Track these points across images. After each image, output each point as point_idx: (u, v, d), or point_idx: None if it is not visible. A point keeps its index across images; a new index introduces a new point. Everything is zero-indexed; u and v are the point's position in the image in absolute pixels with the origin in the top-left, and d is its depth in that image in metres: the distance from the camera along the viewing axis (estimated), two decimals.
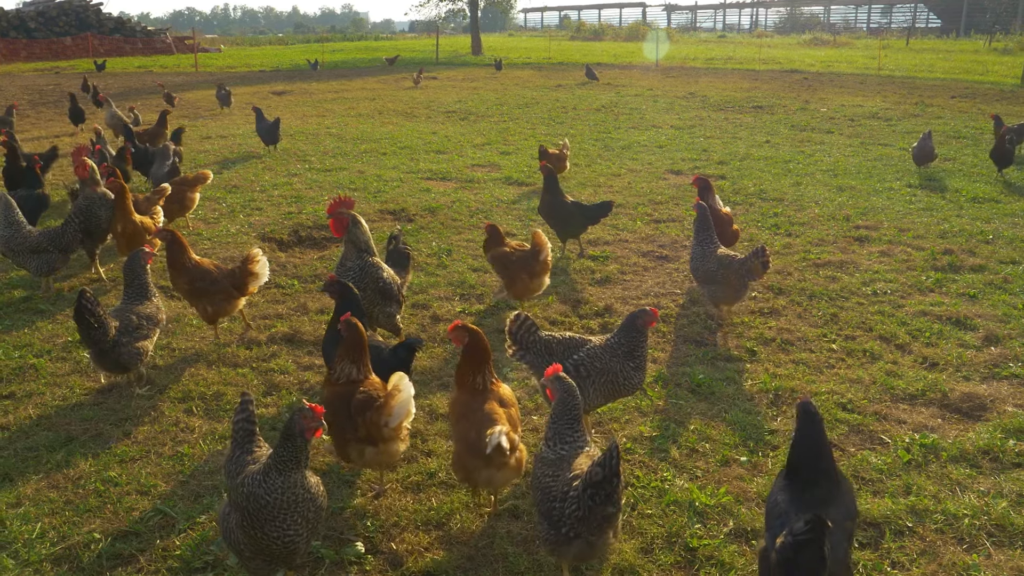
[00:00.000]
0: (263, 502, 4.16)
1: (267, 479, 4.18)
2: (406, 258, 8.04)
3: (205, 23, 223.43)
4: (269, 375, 7.35)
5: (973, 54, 47.49)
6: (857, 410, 6.60)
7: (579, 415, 4.64)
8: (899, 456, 5.90)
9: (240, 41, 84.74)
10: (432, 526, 5.21)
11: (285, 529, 4.19)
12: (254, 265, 7.94)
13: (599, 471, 4.07)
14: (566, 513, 4.20)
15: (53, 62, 49.91)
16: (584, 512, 4.14)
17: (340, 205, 7.45)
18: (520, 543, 5.03)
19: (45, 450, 6.12)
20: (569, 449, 4.52)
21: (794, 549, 3.56)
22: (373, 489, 5.58)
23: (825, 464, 4.12)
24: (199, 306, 7.81)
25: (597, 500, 4.11)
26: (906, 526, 5.12)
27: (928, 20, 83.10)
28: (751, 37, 76.04)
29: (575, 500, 4.17)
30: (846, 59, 44.78)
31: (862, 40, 65.66)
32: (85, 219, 9.48)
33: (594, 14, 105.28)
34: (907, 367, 7.39)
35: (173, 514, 5.33)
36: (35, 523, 5.24)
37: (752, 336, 8.12)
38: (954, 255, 10.34)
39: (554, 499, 4.29)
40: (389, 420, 5.05)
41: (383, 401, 5.10)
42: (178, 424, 6.51)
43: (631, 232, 11.80)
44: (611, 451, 4.05)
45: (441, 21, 68.29)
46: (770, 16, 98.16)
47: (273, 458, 4.23)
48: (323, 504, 4.41)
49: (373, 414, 5.06)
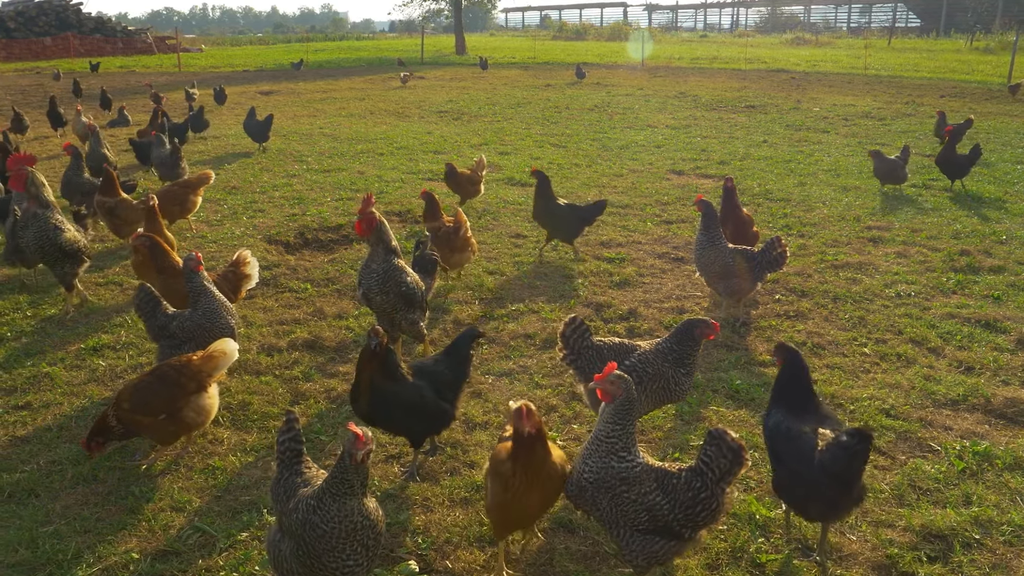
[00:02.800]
0: (319, 531, 3.95)
1: (322, 505, 3.97)
2: (433, 264, 7.83)
3: (183, 23, 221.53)
4: (294, 383, 7.14)
5: (955, 53, 47.72)
6: (901, 416, 6.47)
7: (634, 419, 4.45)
8: (953, 464, 5.77)
9: (221, 41, 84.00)
10: (486, 543, 5.02)
11: (344, 560, 3.98)
12: (246, 267, 7.71)
13: (725, 461, 4.24)
14: (698, 515, 4.25)
15: (33, 62, 49.23)
16: (718, 504, 4.29)
17: (369, 204, 7.11)
18: (580, 559, 4.86)
19: (69, 464, 5.90)
20: (640, 457, 4.34)
21: (848, 458, 4.37)
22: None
23: (812, 393, 5.06)
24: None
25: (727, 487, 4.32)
26: (973, 538, 4.98)
27: (908, 20, 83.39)
28: (733, 37, 76.21)
29: (708, 500, 4.25)
30: (831, 59, 44.84)
31: (843, 39, 65.86)
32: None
33: (575, 14, 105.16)
34: (943, 371, 7.28)
35: (212, 532, 5.12)
36: (68, 542, 5.03)
37: (782, 340, 7.96)
38: (971, 256, 10.24)
39: (671, 510, 4.24)
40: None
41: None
42: (205, 435, 6.29)
43: (643, 233, 11.65)
44: (720, 436, 4.25)
45: (422, 21, 67.95)
46: (751, 16, 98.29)
47: (328, 482, 4.01)
48: (382, 530, 4.19)
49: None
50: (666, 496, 4.25)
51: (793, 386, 5.03)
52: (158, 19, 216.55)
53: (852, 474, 4.45)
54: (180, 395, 5.75)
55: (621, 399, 4.30)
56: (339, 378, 7.23)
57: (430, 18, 69.85)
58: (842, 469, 4.40)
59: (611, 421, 4.31)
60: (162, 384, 5.74)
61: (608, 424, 4.32)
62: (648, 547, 4.30)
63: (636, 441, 4.39)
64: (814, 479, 4.46)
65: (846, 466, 4.40)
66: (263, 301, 9.10)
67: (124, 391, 5.75)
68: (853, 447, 4.34)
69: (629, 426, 4.32)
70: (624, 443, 4.30)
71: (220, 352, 6.03)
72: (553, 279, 9.74)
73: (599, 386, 4.34)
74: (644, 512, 4.24)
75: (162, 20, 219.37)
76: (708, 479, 4.27)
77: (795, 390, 5.01)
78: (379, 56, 52.89)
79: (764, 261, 8.14)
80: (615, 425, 4.30)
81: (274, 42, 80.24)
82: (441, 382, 5.66)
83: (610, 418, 4.31)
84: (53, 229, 8.34)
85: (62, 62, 46.92)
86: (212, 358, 5.98)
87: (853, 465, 4.41)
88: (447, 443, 6.13)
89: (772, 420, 4.91)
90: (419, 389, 5.57)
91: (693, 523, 4.28)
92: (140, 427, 5.74)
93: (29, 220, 8.35)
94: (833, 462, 4.40)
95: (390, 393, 5.48)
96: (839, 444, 4.40)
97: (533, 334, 8.12)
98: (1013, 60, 32.01)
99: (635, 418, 4.36)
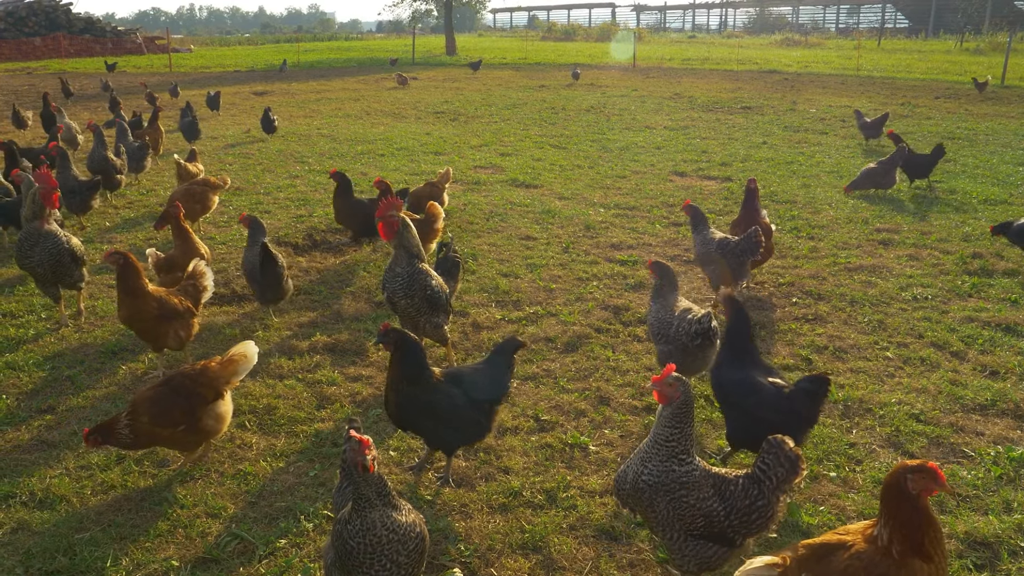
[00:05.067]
0: (348, 546, 3.87)
1: (351, 520, 3.89)
2: (456, 267, 7.77)
3: (171, 23, 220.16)
4: (318, 387, 7.08)
5: (945, 54, 47.89)
6: (931, 422, 6.45)
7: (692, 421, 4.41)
8: (990, 471, 5.75)
9: (209, 41, 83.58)
10: (529, 550, 4.98)
11: (374, 575, 3.89)
12: (203, 279, 7.47)
13: (782, 470, 4.29)
14: (753, 522, 4.28)
15: (23, 62, 48.91)
16: (773, 512, 4.32)
17: (390, 207, 6.99)
18: (626, 568, 4.82)
19: (98, 469, 5.84)
20: (698, 461, 4.34)
21: (810, 400, 5.26)
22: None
23: (753, 342, 5.88)
24: (168, 332, 7.08)
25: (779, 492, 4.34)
26: (1019, 545, 4.96)
27: (896, 20, 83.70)
28: (721, 37, 76.37)
29: (764, 508, 4.28)
30: (822, 59, 44.95)
31: (832, 40, 66.10)
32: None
33: (563, 14, 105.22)
34: (968, 376, 7.27)
35: (251, 539, 5.06)
36: (106, 549, 4.97)
37: (804, 344, 7.96)
38: (984, 259, 10.26)
39: (727, 516, 4.26)
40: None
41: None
42: (233, 440, 6.23)
43: (652, 235, 11.63)
44: (778, 446, 4.33)
45: (411, 21, 67.80)
46: (739, 16, 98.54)
47: (353, 496, 3.92)
48: (420, 546, 4.03)
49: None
50: (723, 502, 4.24)
51: (740, 336, 5.79)
52: (145, 19, 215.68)
53: (817, 413, 5.36)
54: (199, 404, 5.65)
55: (679, 401, 4.26)
56: (362, 381, 7.18)
57: (419, 18, 69.66)
58: (810, 411, 5.29)
59: (669, 425, 4.26)
60: (179, 395, 5.62)
61: (667, 428, 4.27)
62: (701, 552, 4.30)
63: (695, 444, 4.38)
64: (783, 422, 5.08)
65: (812, 408, 5.29)
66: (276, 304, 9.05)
67: (141, 402, 5.57)
68: (817, 391, 5.27)
69: (688, 428, 4.28)
70: (684, 446, 4.27)
71: (241, 356, 5.94)
72: (567, 281, 9.70)
73: (657, 388, 4.29)
74: (701, 518, 4.23)
75: (149, 20, 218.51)
76: (765, 487, 4.26)
77: (741, 339, 5.77)
78: (370, 56, 52.82)
79: (740, 250, 8.44)
80: (674, 429, 4.26)
81: (263, 42, 79.91)
82: (478, 391, 5.57)
83: (668, 421, 4.27)
84: (63, 241, 8.18)
85: (52, 62, 46.59)
86: (232, 362, 5.90)
87: (817, 406, 5.31)
88: (479, 448, 6.08)
89: (731, 375, 5.62)
90: (450, 396, 5.50)
91: (747, 530, 4.27)
92: (159, 439, 5.63)
93: (38, 238, 8.08)
94: (802, 406, 5.26)
95: (415, 397, 5.43)
96: (804, 391, 5.29)
97: (554, 337, 8.08)
98: (1007, 60, 32.10)
99: (693, 420, 4.32)
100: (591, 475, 5.75)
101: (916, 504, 3.71)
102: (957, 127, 21.04)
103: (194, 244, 8.55)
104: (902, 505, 3.72)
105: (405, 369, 5.44)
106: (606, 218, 12.52)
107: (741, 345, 5.73)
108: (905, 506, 3.72)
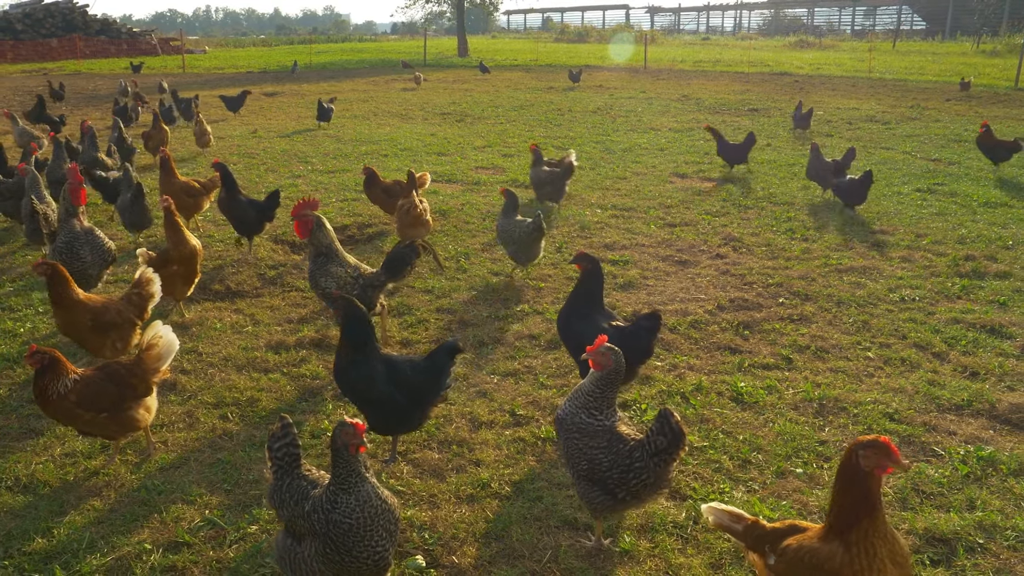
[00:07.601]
0: (345, 526, 4.03)
1: (339, 502, 4.05)
2: (400, 262, 7.77)
3: (187, 24, 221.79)
4: (301, 380, 7.21)
5: (961, 56, 47.65)
6: (905, 421, 6.51)
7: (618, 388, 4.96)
8: (957, 469, 5.81)
9: (224, 42, 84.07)
10: (492, 539, 5.09)
11: (374, 547, 4.09)
12: (150, 286, 7.25)
13: (663, 439, 4.54)
14: (630, 481, 4.62)
15: (40, 63, 49.47)
16: (652, 478, 4.61)
17: (305, 207, 7.51)
18: (585, 558, 4.91)
19: (82, 456, 6.00)
20: (610, 420, 4.76)
21: (649, 335, 6.18)
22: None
23: (600, 295, 6.67)
24: (104, 343, 6.95)
25: (664, 465, 4.61)
26: (977, 543, 5.02)
27: (912, 22, 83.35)
28: (735, 39, 76.20)
29: (640, 471, 4.60)
30: (834, 61, 44.87)
31: (847, 42, 65.89)
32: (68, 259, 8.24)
33: (577, 16, 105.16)
34: (948, 376, 7.31)
35: (223, 525, 5.19)
36: (83, 532, 5.11)
37: (786, 343, 8.03)
38: (976, 261, 10.28)
39: (608, 469, 4.64)
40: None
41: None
42: (215, 431, 6.36)
43: (646, 236, 11.70)
44: (665, 416, 4.54)
45: (424, 23, 68.05)
46: (753, 18, 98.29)
47: (334, 480, 4.10)
48: (399, 515, 4.31)
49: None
50: (608, 455, 4.68)
51: (594, 289, 6.60)
52: (162, 20, 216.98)
53: (652, 346, 6.26)
54: (129, 396, 5.70)
55: (611, 369, 4.78)
56: None
57: (432, 20, 69.90)
58: (646, 343, 6.17)
59: (595, 384, 4.83)
60: (111, 383, 5.65)
61: (592, 385, 4.83)
62: (587, 492, 4.79)
63: (612, 406, 4.86)
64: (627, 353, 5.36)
65: (648, 341, 6.18)
66: (270, 300, 9.19)
67: (74, 383, 5.54)
68: (652, 327, 6.17)
69: (610, 392, 4.82)
70: (598, 405, 4.80)
71: (156, 338, 5.90)
72: (557, 280, 9.79)
73: (591, 356, 4.80)
74: (586, 461, 4.73)
75: (166, 22, 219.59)
76: (645, 451, 4.60)
77: (595, 293, 6.60)
78: (382, 58, 53.08)
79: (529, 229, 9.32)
80: (596, 388, 4.82)
81: (277, 44, 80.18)
82: (407, 383, 5.66)
83: (596, 382, 4.82)
84: (103, 241, 8.57)
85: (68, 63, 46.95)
86: (152, 347, 5.86)
87: (652, 339, 6.20)
88: (452, 441, 6.19)
89: (576, 322, 6.46)
90: (372, 374, 5.66)
91: (627, 488, 4.66)
92: (77, 420, 5.60)
93: (83, 238, 8.34)
94: (640, 340, 6.12)
95: (348, 362, 5.73)
96: (642, 326, 6.19)
97: (538, 335, 8.18)
98: (1021, 62, 31.98)
99: (617, 387, 4.90)
100: (560, 468, 5.84)
101: (867, 485, 3.60)
102: (965, 129, 21.00)
103: (184, 237, 8.63)
104: (854, 485, 3.64)
105: (350, 335, 5.72)
106: (602, 219, 12.60)
107: (594, 298, 6.59)
108: (856, 487, 3.63)
